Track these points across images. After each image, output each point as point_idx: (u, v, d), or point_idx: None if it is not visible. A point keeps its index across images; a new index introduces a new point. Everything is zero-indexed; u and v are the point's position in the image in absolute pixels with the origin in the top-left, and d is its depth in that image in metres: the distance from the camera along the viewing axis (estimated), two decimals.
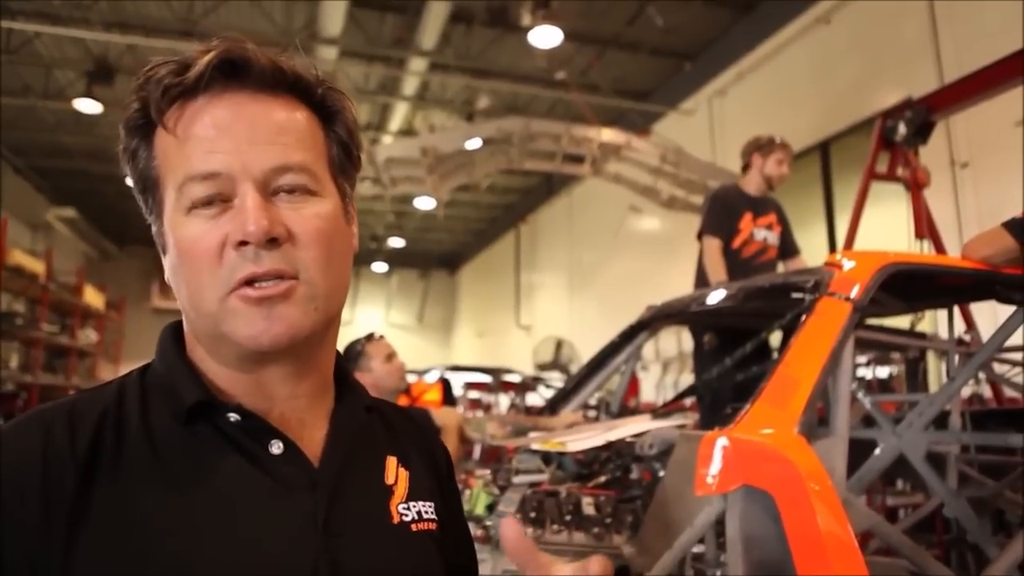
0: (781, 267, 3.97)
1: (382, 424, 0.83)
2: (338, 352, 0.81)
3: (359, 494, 0.72)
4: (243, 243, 0.64)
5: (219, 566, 0.60)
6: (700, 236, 3.81)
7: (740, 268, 3.61)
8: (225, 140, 0.65)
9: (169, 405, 0.67)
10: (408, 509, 0.75)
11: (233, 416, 0.67)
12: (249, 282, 0.64)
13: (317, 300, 0.67)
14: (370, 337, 2.83)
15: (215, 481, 0.64)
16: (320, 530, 0.66)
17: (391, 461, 0.78)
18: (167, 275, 0.70)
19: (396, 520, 0.73)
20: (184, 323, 0.72)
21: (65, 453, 0.61)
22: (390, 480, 0.76)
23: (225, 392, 0.69)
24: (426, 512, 0.76)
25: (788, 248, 3.96)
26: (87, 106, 9.23)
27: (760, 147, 3.85)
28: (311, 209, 0.68)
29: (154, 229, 0.71)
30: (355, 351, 2.84)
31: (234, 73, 0.67)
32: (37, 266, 9.03)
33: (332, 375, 0.78)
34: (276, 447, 0.68)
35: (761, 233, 3.77)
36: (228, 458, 0.66)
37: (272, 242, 0.64)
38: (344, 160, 0.75)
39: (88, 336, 11.33)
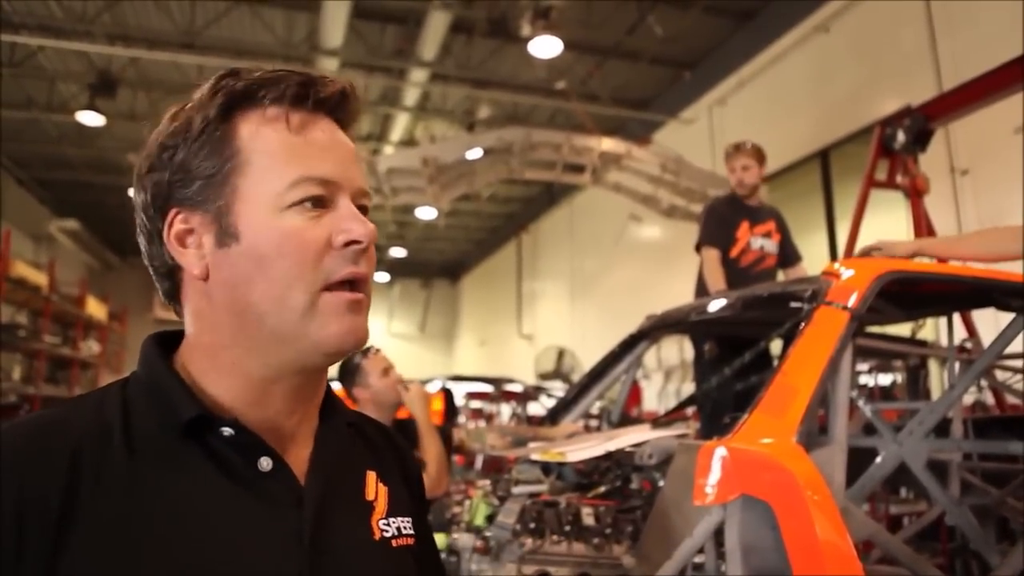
0: (781, 275, 3.96)
1: (362, 439, 0.83)
2: None
3: (343, 511, 0.72)
4: (351, 243, 0.69)
5: None
6: (698, 248, 3.81)
7: (738, 277, 3.61)
8: (336, 153, 0.72)
9: (156, 417, 0.66)
10: (388, 525, 0.76)
11: (227, 430, 0.67)
12: (345, 285, 0.69)
13: (367, 310, 0.73)
14: (366, 352, 2.81)
15: (200, 497, 0.64)
16: (307, 547, 0.66)
17: (371, 476, 0.79)
18: (208, 267, 0.68)
19: (378, 536, 0.74)
20: (208, 330, 0.70)
21: (45, 485, 0.59)
22: (370, 496, 0.77)
23: (221, 405, 0.68)
24: (404, 528, 0.77)
25: (788, 256, 3.96)
26: (90, 118, 9.28)
27: (727, 155, 3.88)
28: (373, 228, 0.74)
29: (203, 219, 0.69)
30: (352, 366, 2.83)
31: (338, 105, 0.75)
32: (40, 278, 9.03)
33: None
34: (265, 463, 0.68)
35: (758, 242, 3.77)
36: (214, 474, 0.65)
37: (366, 249, 0.70)
38: None
39: (90, 347, 11.32)
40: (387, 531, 0.75)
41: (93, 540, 0.58)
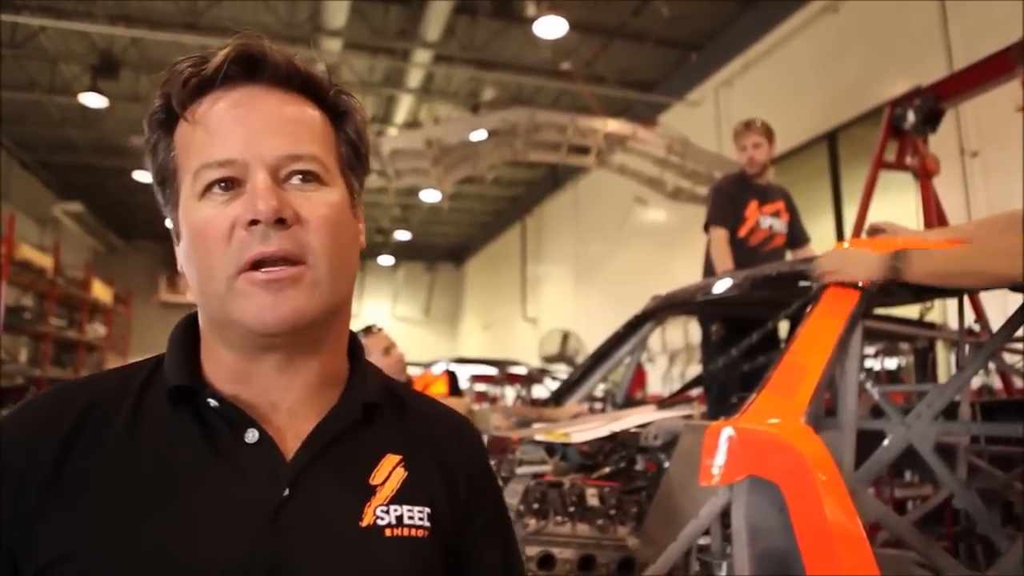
0: (790, 255, 3.94)
1: (396, 419, 0.79)
2: (354, 337, 0.81)
3: (329, 492, 0.70)
4: (253, 222, 0.66)
5: (158, 545, 0.62)
6: (706, 227, 3.79)
7: (747, 256, 3.59)
8: (240, 128, 0.69)
9: (163, 388, 0.71)
10: (387, 512, 0.71)
11: (212, 401, 0.69)
12: (257, 265, 0.66)
13: (322, 284, 0.69)
14: (368, 330, 2.80)
15: (178, 463, 0.67)
16: (268, 523, 0.65)
17: (389, 460, 0.75)
18: (181, 263, 0.73)
19: (368, 522, 0.70)
20: (199, 312, 0.75)
21: (52, 431, 0.66)
22: (377, 480, 0.73)
23: (216, 380, 0.71)
24: (411, 517, 0.72)
25: (797, 236, 3.93)
26: (93, 100, 9.24)
27: (736, 133, 3.84)
28: (320, 197, 0.71)
29: (169, 220, 0.74)
30: None
31: (251, 67, 0.70)
32: (45, 261, 9.05)
33: (340, 371, 0.77)
34: (251, 435, 0.69)
35: (767, 221, 3.74)
36: (199, 442, 0.68)
37: (280, 223, 0.67)
38: (353, 158, 0.78)
39: (96, 330, 11.36)
40: (383, 519, 0.70)
41: (73, 493, 0.64)
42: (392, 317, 19.18)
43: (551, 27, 7.79)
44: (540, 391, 8.39)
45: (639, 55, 9.66)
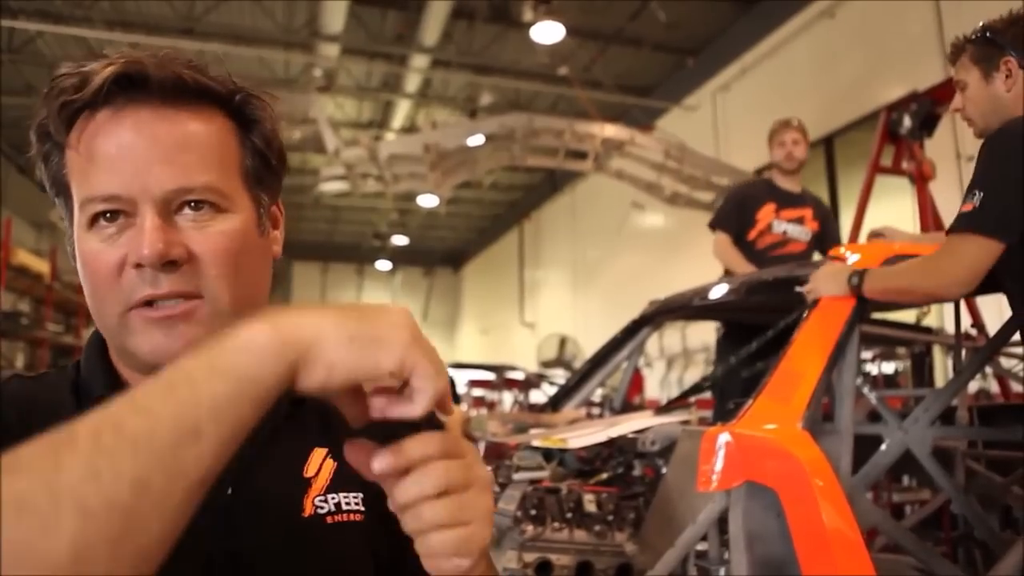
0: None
1: (318, 415, 0.80)
2: None
3: (269, 488, 0.71)
4: (140, 265, 0.64)
5: None
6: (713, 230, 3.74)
7: (754, 259, 3.49)
8: (125, 161, 0.64)
9: (88, 397, 0.69)
10: (326, 501, 0.74)
11: None
12: (149, 303, 0.65)
13: (223, 317, 0.66)
14: None
15: None
16: (220, 524, 0.66)
17: (317, 454, 0.77)
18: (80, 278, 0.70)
19: (309, 512, 0.73)
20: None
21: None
22: (310, 473, 0.75)
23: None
24: (348, 503, 0.75)
25: (828, 245, 3.80)
26: None
27: (774, 131, 3.73)
28: (216, 227, 0.67)
29: (67, 234, 0.71)
30: None
31: (133, 87, 0.65)
32: (41, 265, 9.03)
33: None
34: None
35: (782, 226, 3.61)
36: None
37: (170, 264, 0.64)
38: (260, 170, 0.73)
39: None
40: (322, 508, 0.73)
41: None
42: None
43: (548, 32, 7.81)
44: (538, 396, 8.37)
45: (636, 60, 9.68)
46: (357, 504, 0.76)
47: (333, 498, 0.74)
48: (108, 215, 0.65)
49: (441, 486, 0.52)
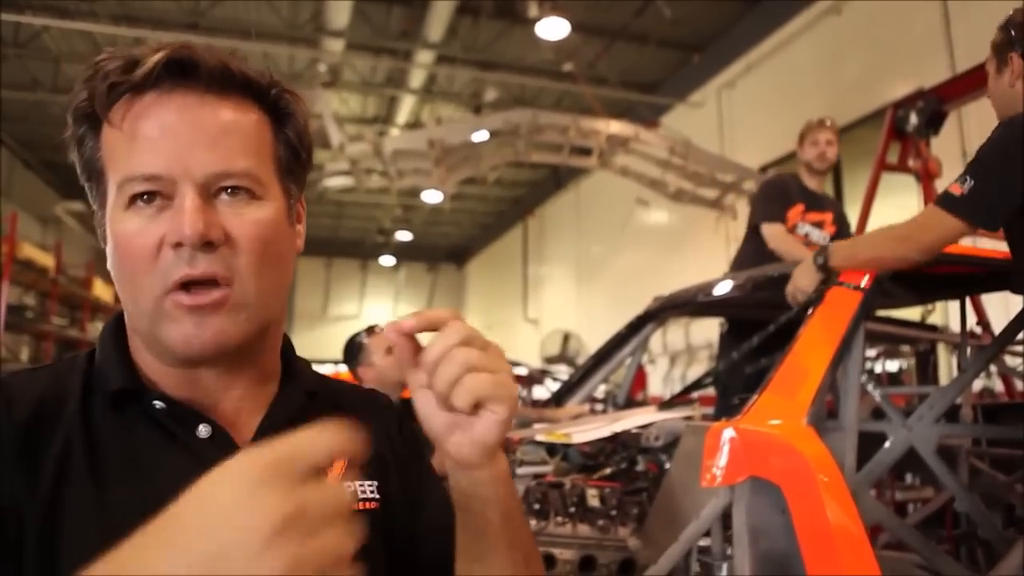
0: None
1: (331, 407, 0.81)
2: (286, 337, 0.81)
3: None
4: (179, 244, 0.64)
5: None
6: (756, 227, 3.49)
7: (771, 258, 3.42)
8: (168, 142, 0.65)
9: (104, 391, 0.69)
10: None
11: (158, 403, 0.69)
12: (184, 286, 0.65)
13: (249, 310, 0.68)
14: (371, 330, 2.81)
15: (141, 462, 0.66)
16: None
17: None
18: (108, 264, 0.70)
19: None
20: (127, 319, 0.73)
21: (2, 428, 0.63)
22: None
23: (156, 381, 0.70)
24: (363, 492, 0.76)
25: None
26: None
27: (807, 130, 3.62)
28: (251, 214, 0.68)
29: (96, 217, 0.72)
30: (356, 346, 2.83)
31: (182, 73, 0.67)
32: (47, 260, 9.05)
33: (276, 366, 0.78)
34: (204, 430, 0.69)
35: (805, 228, 3.50)
36: (155, 441, 0.67)
37: (208, 245, 0.65)
38: (292, 162, 0.75)
39: (98, 329, 11.35)
40: None
41: (39, 499, 0.61)
42: (394, 318, 18.92)
43: (553, 28, 7.79)
44: (541, 392, 8.37)
45: (641, 56, 9.65)
46: (373, 492, 0.77)
47: (349, 486, 0.74)
48: (145, 196, 0.65)
49: (466, 339, 0.60)
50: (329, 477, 0.74)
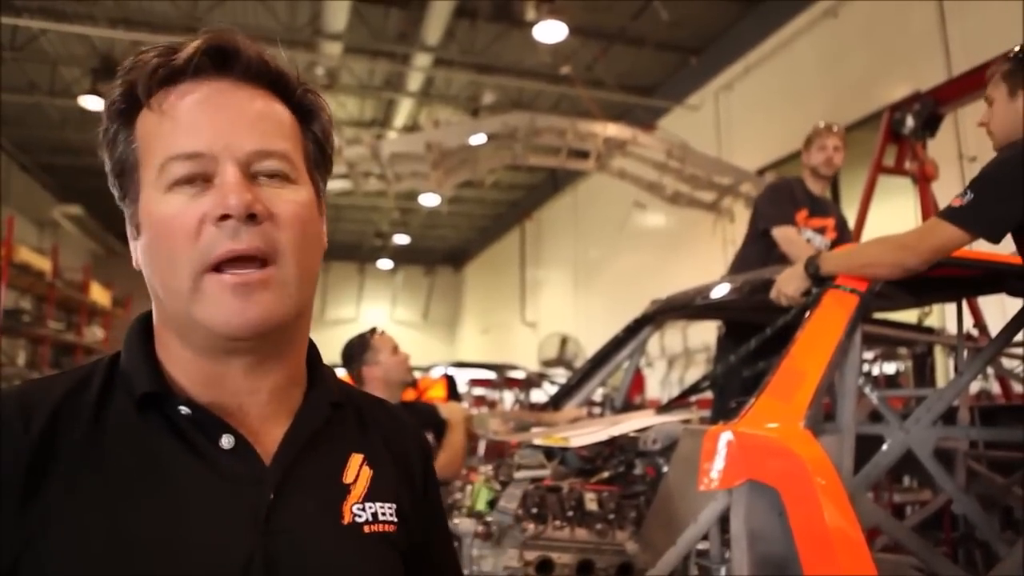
0: None
1: (355, 419, 0.81)
2: (313, 345, 0.80)
3: (310, 492, 0.71)
4: (224, 217, 0.64)
5: (152, 556, 0.61)
6: (764, 231, 3.42)
7: (773, 262, 3.40)
8: (209, 122, 0.67)
9: (128, 393, 0.68)
10: (363, 510, 0.73)
11: (184, 409, 0.68)
12: (224, 265, 0.65)
13: (290, 286, 0.68)
14: (373, 331, 2.83)
15: (158, 472, 0.65)
16: (261, 526, 0.66)
17: (355, 459, 0.76)
18: (137, 259, 0.71)
19: (347, 520, 0.72)
20: (154, 311, 0.73)
21: (18, 441, 0.62)
22: (349, 479, 0.75)
23: (183, 384, 0.69)
24: (383, 514, 0.75)
25: None
26: (93, 103, 9.21)
27: (814, 135, 3.58)
28: (289, 194, 0.69)
29: (127, 214, 0.72)
30: (362, 345, 2.83)
31: (222, 61, 0.69)
32: (44, 263, 9.04)
33: (302, 371, 0.77)
34: (227, 441, 0.68)
35: (807, 234, 3.46)
36: (175, 450, 0.66)
37: (252, 218, 0.65)
38: (319, 157, 0.76)
39: (95, 333, 11.34)
40: (360, 516, 0.73)
41: (53, 504, 0.61)
42: (391, 321, 19.14)
43: (551, 31, 7.80)
44: (539, 395, 8.37)
45: (639, 59, 9.67)
46: (392, 515, 0.76)
47: (371, 507, 0.74)
48: (188, 179, 0.66)
49: None
50: (352, 495, 0.73)
